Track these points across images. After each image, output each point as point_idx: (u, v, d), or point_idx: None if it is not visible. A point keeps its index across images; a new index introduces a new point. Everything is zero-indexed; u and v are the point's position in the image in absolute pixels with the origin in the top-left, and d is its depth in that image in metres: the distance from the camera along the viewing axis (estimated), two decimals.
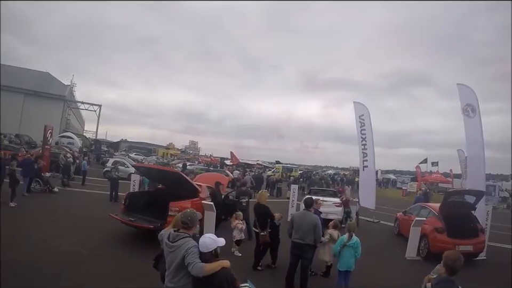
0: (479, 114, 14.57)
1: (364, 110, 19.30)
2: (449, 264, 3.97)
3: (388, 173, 70.98)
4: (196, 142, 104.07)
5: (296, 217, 8.05)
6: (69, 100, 58.29)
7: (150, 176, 15.47)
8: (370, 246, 11.68)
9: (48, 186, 17.48)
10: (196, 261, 3.87)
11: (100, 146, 49.12)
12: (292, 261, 7.88)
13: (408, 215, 14.77)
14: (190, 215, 4.32)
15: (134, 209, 11.26)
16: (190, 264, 3.87)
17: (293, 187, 17.34)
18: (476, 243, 11.60)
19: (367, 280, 8.95)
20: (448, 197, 12.92)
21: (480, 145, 14.48)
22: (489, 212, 13.07)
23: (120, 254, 9.25)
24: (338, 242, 7.68)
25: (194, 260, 3.89)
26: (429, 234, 11.79)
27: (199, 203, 11.03)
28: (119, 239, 10.64)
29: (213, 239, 4.10)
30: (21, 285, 6.53)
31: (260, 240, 9.18)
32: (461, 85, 15.56)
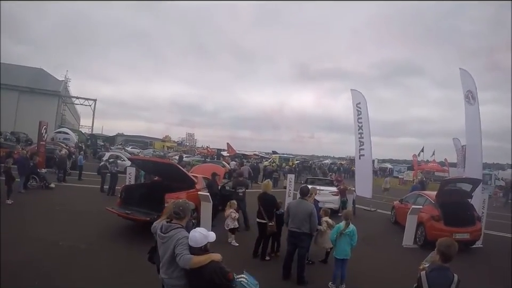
0: (478, 102, 14.55)
1: (361, 98, 19.14)
2: (443, 250, 3.93)
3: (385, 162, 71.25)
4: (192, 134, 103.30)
5: (292, 206, 8.01)
6: (64, 95, 57.91)
7: (145, 169, 15.46)
8: (367, 234, 11.73)
9: (44, 183, 17.39)
10: (184, 253, 3.85)
11: (96, 140, 48.69)
12: (289, 249, 7.89)
13: (405, 204, 14.79)
14: (182, 205, 4.29)
15: (130, 202, 11.26)
16: (178, 255, 3.85)
17: (289, 176, 17.29)
18: (472, 231, 11.62)
19: (364, 268, 9.00)
20: (444, 185, 12.96)
21: (478, 134, 14.45)
22: (485, 200, 13.06)
23: (118, 248, 9.23)
24: (334, 230, 7.66)
25: (183, 251, 3.86)
26: (426, 222, 11.81)
27: (195, 194, 11.03)
28: (116, 233, 10.62)
29: (203, 234, 4.04)
30: (20, 281, 6.50)
31: (267, 230, 9.08)
32: (463, 70, 15.46)
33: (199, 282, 3.93)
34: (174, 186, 11.29)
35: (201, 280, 3.89)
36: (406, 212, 12.71)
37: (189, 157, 45.67)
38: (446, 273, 3.89)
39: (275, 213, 9.20)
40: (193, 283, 4.00)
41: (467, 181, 12.82)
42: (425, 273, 3.96)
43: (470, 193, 12.48)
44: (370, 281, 8.36)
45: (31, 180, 16.89)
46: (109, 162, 19.57)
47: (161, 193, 10.00)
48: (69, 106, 63.95)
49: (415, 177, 39.23)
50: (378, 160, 62.50)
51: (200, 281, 3.91)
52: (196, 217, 10.74)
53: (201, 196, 11.06)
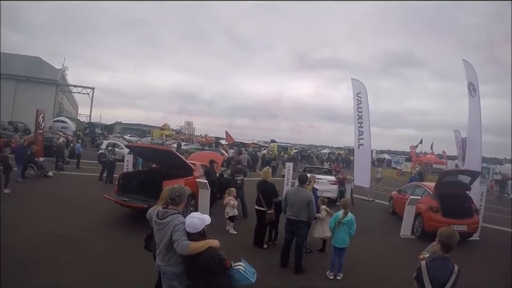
0: (479, 95, 14.50)
1: (361, 88, 19.11)
2: (444, 240, 3.88)
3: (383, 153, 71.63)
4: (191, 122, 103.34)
5: (290, 194, 7.97)
6: (61, 84, 57.65)
7: (143, 156, 15.41)
8: (365, 224, 11.75)
9: (42, 171, 17.29)
10: (182, 239, 3.80)
11: (94, 129, 48.68)
12: (287, 237, 7.85)
13: (403, 194, 14.84)
14: (178, 191, 4.23)
15: (127, 190, 11.20)
16: (176, 241, 3.80)
17: (288, 165, 17.28)
18: (470, 223, 11.63)
19: (361, 257, 9.02)
20: (443, 177, 12.95)
21: (478, 127, 14.42)
22: (483, 193, 13.09)
23: (116, 235, 9.22)
24: (333, 219, 7.64)
25: (180, 237, 3.81)
26: (424, 213, 11.82)
27: (193, 181, 11.01)
28: (114, 220, 10.60)
29: (200, 218, 4.01)
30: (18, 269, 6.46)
31: (266, 218, 9.03)
32: (466, 61, 15.38)
33: (195, 268, 3.90)
34: (172, 173, 11.26)
35: (198, 266, 3.86)
36: (404, 202, 12.71)
37: (188, 145, 45.64)
38: (447, 263, 3.85)
39: (274, 201, 9.14)
40: (189, 269, 3.98)
41: (466, 173, 12.83)
42: (425, 262, 3.92)
43: (469, 185, 12.50)
44: (368, 270, 8.35)
45: (28, 169, 16.80)
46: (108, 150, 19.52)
47: (159, 181, 9.92)
48: (67, 95, 63.69)
49: (413, 168, 39.33)
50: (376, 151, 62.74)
51: (197, 268, 3.88)
52: (194, 205, 10.76)
53: (199, 183, 11.04)
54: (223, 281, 3.95)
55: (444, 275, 3.78)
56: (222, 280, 3.93)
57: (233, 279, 4.03)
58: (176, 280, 4.07)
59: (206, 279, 3.88)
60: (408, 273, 4.21)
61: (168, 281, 4.13)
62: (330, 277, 7.58)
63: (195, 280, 3.98)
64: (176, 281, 4.07)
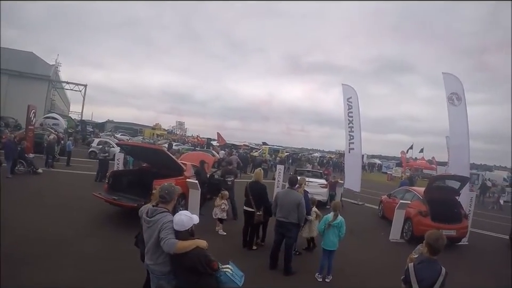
0: (465, 103, 14.62)
1: (352, 93, 19.23)
2: (431, 243, 3.91)
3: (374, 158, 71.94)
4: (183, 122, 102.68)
5: (280, 196, 7.97)
6: (54, 80, 57.18)
7: (134, 155, 15.31)
8: (354, 227, 11.76)
9: (32, 168, 17.19)
10: (169, 237, 3.78)
11: (86, 126, 48.34)
12: (276, 239, 7.85)
13: (393, 198, 14.88)
14: (167, 189, 4.21)
15: (118, 188, 11.15)
16: (163, 239, 3.78)
17: (279, 167, 17.30)
18: (459, 228, 11.72)
19: (350, 260, 9.07)
20: (433, 182, 13.02)
21: (465, 134, 14.53)
22: (472, 198, 13.15)
23: (104, 234, 9.14)
24: (322, 221, 7.65)
25: (168, 235, 3.79)
26: (413, 217, 11.87)
27: (184, 181, 10.98)
28: (103, 219, 10.53)
29: (188, 216, 3.98)
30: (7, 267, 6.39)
31: (255, 219, 8.99)
32: (447, 73, 15.59)
33: (182, 268, 3.88)
34: (162, 173, 11.22)
35: (185, 266, 3.83)
36: (393, 206, 12.77)
37: (179, 145, 45.52)
38: (434, 265, 3.88)
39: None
40: (176, 269, 3.96)
41: (456, 178, 12.85)
42: (413, 265, 3.95)
43: (458, 190, 12.56)
44: (357, 273, 8.40)
45: (18, 165, 16.69)
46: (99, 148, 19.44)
47: (149, 180, 9.88)
48: (59, 91, 63.06)
49: (403, 173, 39.54)
50: (367, 156, 63.05)
51: (184, 268, 3.86)
52: (184, 205, 10.74)
53: (189, 183, 11.02)
54: (210, 283, 3.92)
55: (431, 277, 3.81)
56: (208, 282, 3.91)
57: (220, 282, 4.00)
58: (164, 279, 4.04)
59: (192, 279, 3.85)
60: (397, 276, 4.23)
61: (156, 280, 4.10)
62: (319, 279, 7.59)
63: (181, 280, 3.95)
64: (164, 280, 4.04)
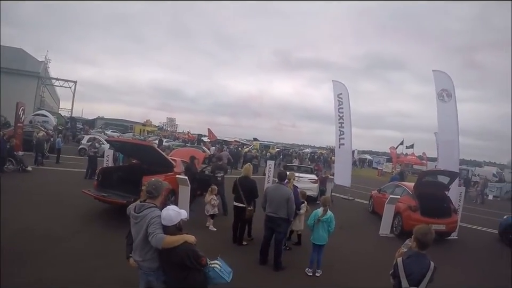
0: (455, 99, 14.70)
1: (343, 89, 19.32)
2: (419, 238, 3.91)
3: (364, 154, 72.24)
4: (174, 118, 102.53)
5: (269, 191, 7.96)
6: (43, 77, 56.63)
7: (123, 151, 15.15)
8: (344, 222, 11.84)
9: (21, 166, 17.01)
10: (157, 231, 3.76)
11: (75, 123, 47.84)
12: (266, 234, 7.85)
13: (383, 193, 15.00)
14: (155, 184, 4.19)
15: (107, 185, 11.08)
16: (151, 234, 3.76)
17: (269, 163, 17.32)
18: (448, 222, 11.85)
19: (340, 254, 9.14)
20: (422, 177, 13.13)
21: (455, 130, 14.63)
22: (462, 193, 13.34)
23: (94, 231, 9.07)
24: (312, 216, 7.66)
25: (156, 230, 3.77)
26: (403, 212, 11.96)
27: (174, 177, 10.96)
28: (93, 216, 10.44)
29: (176, 211, 3.96)
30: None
31: (246, 214, 8.99)
32: (437, 71, 15.67)
33: (170, 263, 3.87)
34: (152, 169, 11.16)
35: (173, 261, 3.82)
36: (383, 201, 12.84)
37: (169, 141, 45.37)
38: (423, 260, 3.89)
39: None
40: (164, 264, 3.94)
41: (445, 173, 12.97)
42: (402, 259, 3.96)
43: (447, 185, 12.68)
44: (347, 267, 8.45)
45: (7, 163, 16.51)
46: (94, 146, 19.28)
47: (139, 176, 9.82)
48: (49, 88, 62.56)
49: (393, 169, 39.74)
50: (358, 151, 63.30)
51: (171, 263, 3.84)
52: (174, 201, 10.71)
53: (179, 179, 10.99)
54: (198, 278, 3.91)
55: (420, 272, 3.82)
56: (196, 278, 3.90)
57: (208, 278, 4.00)
58: (153, 275, 4.02)
59: (180, 275, 3.84)
60: (387, 270, 4.24)
61: (145, 277, 4.09)
62: (309, 273, 7.62)
63: (170, 276, 3.94)
64: (153, 276, 4.03)
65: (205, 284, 4.00)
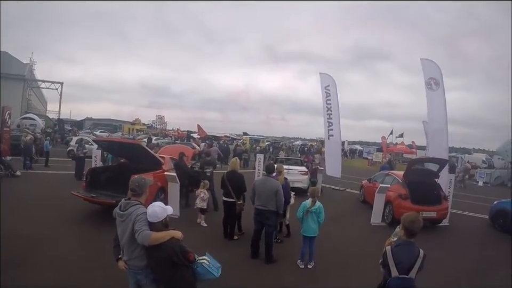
0: (443, 88, 14.76)
1: (330, 81, 19.31)
2: (407, 226, 3.92)
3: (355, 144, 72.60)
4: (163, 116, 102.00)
5: (258, 184, 7.94)
6: (29, 79, 56.09)
7: (111, 150, 15.04)
8: (336, 213, 11.92)
9: (10, 171, 16.77)
10: (143, 228, 3.72)
11: (63, 125, 47.39)
12: (256, 228, 7.84)
13: (373, 183, 15.06)
14: (138, 181, 4.16)
15: (96, 186, 10.99)
16: (137, 231, 3.72)
17: (258, 156, 17.30)
18: (439, 209, 11.93)
19: (332, 245, 9.17)
20: (412, 165, 13.21)
21: (444, 119, 14.69)
22: (452, 180, 13.40)
23: (84, 232, 9.02)
24: (301, 208, 7.63)
25: (142, 227, 3.73)
26: (393, 200, 12.02)
27: (163, 175, 10.92)
28: (83, 217, 10.36)
29: (162, 207, 3.92)
30: None
31: (236, 209, 8.95)
32: (425, 59, 15.70)
33: (157, 260, 3.83)
34: (141, 167, 11.10)
35: (160, 258, 3.78)
36: (374, 190, 12.92)
37: (159, 139, 45.22)
38: (411, 248, 3.89)
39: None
40: (152, 261, 3.89)
41: (434, 161, 13.05)
42: (391, 248, 3.96)
43: (437, 173, 12.77)
44: (339, 258, 8.48)
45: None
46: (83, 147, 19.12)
47: (127, 175, 9.76)
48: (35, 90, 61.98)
49: (384, 158, 39.97)
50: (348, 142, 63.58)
51: (159, 260, 3.81)
52: (164, 198, 10.67)
53: (168, 176, 10.95)
54: (186, 275, 3.88)
55: (409, 260, 3.82)
56: (185, 274, 3.87)
57: (197, 273, 3.97)
58: (141, 274, 3.99)
59: (168, 272, 3.81)
60: (378, 259, 4.23)
61: (133, 276, 4.05)
62: (301, 266, 7.63)
63: (158, 273, 3.91)
64: (141, 275, 3.99)
65: (193, 280, 3.97)
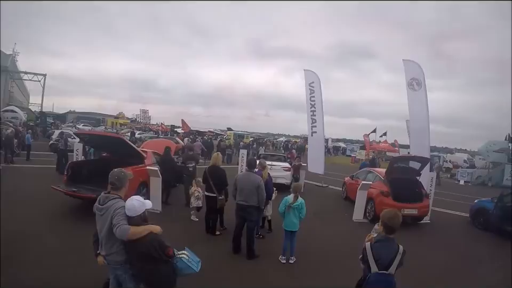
0: (425, 88, 14.95)
1: (314, 78, 19.46)
2: (386, 222, 3.96)
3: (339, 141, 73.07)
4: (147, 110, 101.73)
5: (239, 179, 7.93)
6: (12, 71, 55.35)
7: (93, 144, 14.84)
8: (318, 209, 12.01)
9: None
10: (122, 223, 3.68)
11: (46, 118, 46.45)
12: (238, 223, 7.86)
13: (356, 180, 15.13)
14: (117, 175, 4.14)
15: (77, 180, 10.84)
16: (115, 225, 3.68)
17: (242, 152, 17.27)
18: (420, 207, 12.10)
19: (314, 240, 9.25)
20: (394, 163, 13.32)
21: (425, 118, 14.90)
22: (433, 179, 13.57)
23: (65, 227, 8.88)
24: (283, 203, 7.65)
25: (120, 221, 3.69)
26: (375, 197, 12.14)
27: (144, 169, 10.87)
28: (64, 212, 10.24)
29: (141, 201, 3.90)
30: None
31: (218, 204, 8.91)
32: (407, 60, 15.92)
33: (136, 254, 3.81)
34: (123, 161, 11.00)
35: (139, 253, 3.76)
36: (356, 187, 12.98)
37: (142, 134, 44.96)
38: (391, 244, 3.94)
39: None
40: (130, 256, 3.88)
41: (416, 159, 13.18)
42: (370, 244, 3.99)
43: (419, 171, 12.94)
44: (320, 253, 8.52)
45: None
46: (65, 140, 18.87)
47: (109, 169, 9.67)
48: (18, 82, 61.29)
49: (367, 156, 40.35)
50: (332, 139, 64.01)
51: (137, 254, 3.79)
52: (146, 193, 10.62)
53: (150, 170, 10.90)
54: (166, 270, 3.88)
55: (389, 256, 3.87)
56: (164, 269, 3.86)
57: (177, 268, 3.96)
58: (120, 269, 3.97)
59: (147, 267, 3.79)
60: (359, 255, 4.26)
61: (113, 271, 4.04)
62: (282, 261, 7.67)
63: (136, 268, 3.89)
64: (120, 270, 3.97)
65: (173, 275, 3.97)
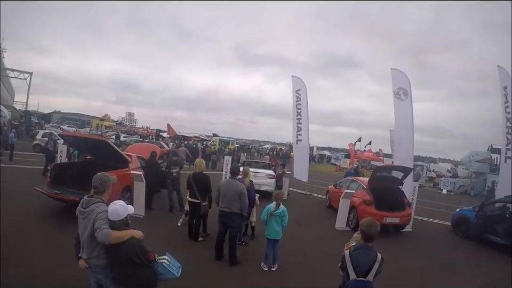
0: (411, 98, 15.15)
1: (301, 85, 19.54)
2: (364, 230, 4.08)
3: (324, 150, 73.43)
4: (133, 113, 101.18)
5: (222, 186, 7.93)
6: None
7: (77, 146, 14.67)
8: (301, 216, 12.09)
9: None
10: (103, 227, 3.71)
11: (30, 118, 45.90)
12: (220, 229, 7.85)
13: (339, 188, 15.25)
14: (100, 179, 4.17)
15: (60, 182, 10.71)
16: (97, 229, 3.71)
17: (226, 158, 17.28)
18: (402, 216, 12.25)
19: (297, 248, 9.28)
20: (377, 172, 13.45)
21: (410, 128, 15.12)
22: (415, 188, 13.79)
23: (48, 230, 8.80)
24: (265, 211, 7.70)
25: (102, 225, 3.72)
26: (358, 206, 12.25)
27: (128, 173, 10.83)
28: (47, 214, 10.14)
29: (123, 206, 3.93)
30: None
31: (201, 210, 8.91)
32: (395, 69, 16.13)
33: (117, 259, 3.83)
34: (107, 165, 10.94)
35: (120, 258, 3.79)
36: (339, 196, 13.09)
37: (127, 137, 44.70)
38: (369, 252, 4.04)
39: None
40: (111, 260, 3.90)
41: (399, 168, 13.33)
42: (349, 252, 4.07)
43: (401, 180, 13.09)
44: (303, 261, 8.58)
45: None
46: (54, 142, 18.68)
47: (93, 172, 9.60)
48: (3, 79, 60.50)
49: (351, 164, 40.66)
50: (317, 148, 64.31)
51: (119, 258, 3.81)
52: (129, 198, 10.57)
53: (133, 175, 10.86)
54: (146, 274, 3.90)
55: (367, 263, 3.96)
56: (145, 274, 3.88)
57: (157, 273, 3.98)
58: (101, 273, 3.98)
59: (128, 271, 3.81)
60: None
61: (94, 275, 4.04)
62: (264, 268, 7.70)
63: (117, 272, 3.91)
64: (101, 274, 3.98)
65: (154, 280, 3.99)
